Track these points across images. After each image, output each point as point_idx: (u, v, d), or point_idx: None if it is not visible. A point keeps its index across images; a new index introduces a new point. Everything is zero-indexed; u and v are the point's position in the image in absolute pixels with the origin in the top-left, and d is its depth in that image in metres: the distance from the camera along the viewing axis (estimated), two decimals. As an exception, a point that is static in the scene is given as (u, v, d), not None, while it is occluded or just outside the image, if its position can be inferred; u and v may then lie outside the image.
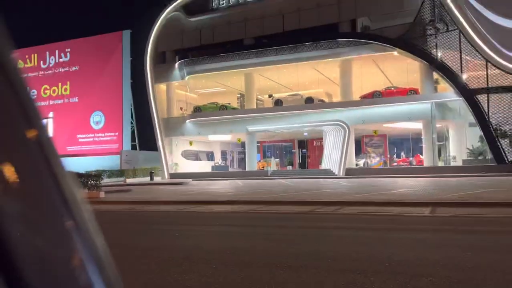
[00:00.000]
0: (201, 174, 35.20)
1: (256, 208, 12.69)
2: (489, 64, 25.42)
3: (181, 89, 38.52)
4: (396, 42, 28.14)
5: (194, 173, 35.10)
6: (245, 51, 33.26)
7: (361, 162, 33.12)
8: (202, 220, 10.93)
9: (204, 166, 39.37)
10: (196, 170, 36.86)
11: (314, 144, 39.09)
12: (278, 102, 33.30)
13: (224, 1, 35.09)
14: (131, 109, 46.81)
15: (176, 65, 36.21)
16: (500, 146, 25.51)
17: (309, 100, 32.34)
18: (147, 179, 34.99)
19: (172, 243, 7.38)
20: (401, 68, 31.21)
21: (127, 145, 45.02)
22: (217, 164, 38.61)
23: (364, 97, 31.03)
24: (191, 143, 37.97)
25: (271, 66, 32.73)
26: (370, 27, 31.35)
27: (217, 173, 35.35)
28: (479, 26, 26.09)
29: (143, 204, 15.39)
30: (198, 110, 35.40)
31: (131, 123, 47.00)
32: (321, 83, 35.43)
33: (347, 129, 29.51)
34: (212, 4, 35.53)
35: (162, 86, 38.29)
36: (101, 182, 19.35)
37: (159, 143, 36.45)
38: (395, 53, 28.71)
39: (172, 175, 35.92)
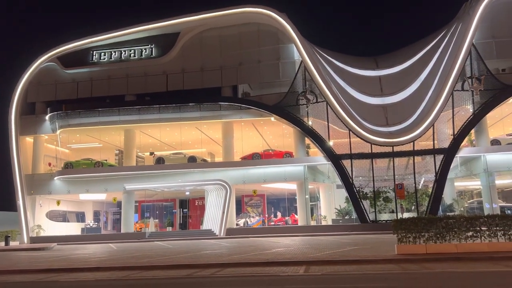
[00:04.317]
0: (69, 237, 31.80)
1: (130, 274, 11.74)
2: (351, 133, 28.75)
3: (51, 143, 35.41)
4: (272, 109, 30.31)
5: (61, 237, 31.56)
6: (126, 107, 32.42)
7: (241, 222, 33.56)
8: (65, 291, 9.66)
9: (73, 228, 35.72)
10: (63, 233, 33.19)
11: (196, 204, 38.61)
12: (159, 160, 32.58)
13: (105, 56, 34.28)
14: (-12, 163, 41.08)
15: (47, 117, 33.50)
16: (363, 206, 28.32)
17: (192, 159, 32.35)
18: (1, 244, 30.24)
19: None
20: (278, 132, 33.52)
21: (-22, 205, 38.81)
22: (87, 226, 35.34)
23: (244, 158, 32.22)
24: (58, 203, 34.37)
25: (154, 124, 32.29)
26: (250, 94, 33.42)
27: (88, 236, 32.33)
28: (343, 100, 29.70)
29: (-9, 275, 13.08)
30: (69, 166, 32.63)
31: (-14, 179, 41.03)
32: (204, 143, 35.92)
33: (228, 189, 29.95)
34: (92, 58, 34.40)
35: (29, 139, 34.81)
36: None
37: (19, 202, 32.31)
38: (272, 118, 30.83)
39: (34, 239, 31.76)
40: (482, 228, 12.69)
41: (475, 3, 29.36)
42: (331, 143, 29.24)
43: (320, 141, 29.42)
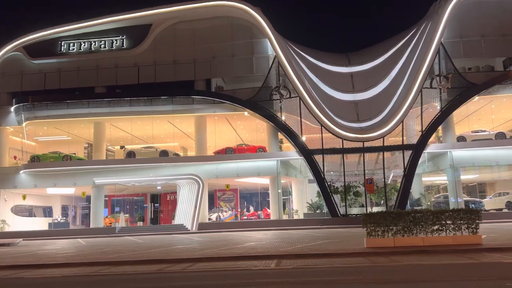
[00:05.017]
0: (35, 232, 30.88)
1: (99, 270, 11.51)
2: (323, 128, 29.07)
3: (17, 136, 34.21)
4: (246, 103, 30.29)
5: (27, 232, 30.61)
6: (96, 99, 31.67)
7: (214, 216, 33.48)
8: (30, 288, 9.38)
9: (40, 224, 34.72)
10: (30, 228, 32.21)
11: (168, 198, 38.23)
12: (130, 154, 32.03)
13: (74, 47, 33.29)
14: None
15: (12, 108, 32.37)
16: (333, 201, 28.76)
17: (164, 153, 31.97)
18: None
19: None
20: (251, 127, 33.54)
21: None
22: (55, 221, 34.42)
23: (217, 152, 32.10)
24: (24, 197, 33.29)
25: (125, 116, 31.74)
26: (224, 88, 33.27)
27: (56, 231, 31.48)
28: (315, 96, 29.97)
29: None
30: (36, 160, 31.65)
31: None
32: (176, 137, 35.54)
33: (201, 183, 29.77)
34: (60, 48, 33.33)
35: (-7, 132, 33.51)
36: None
37: (-17, 197, 31.09)
38: (246, 113, 30.81)
39: (-3, 235, 30.62)
40: (448, 222, 13.09)
41: (444, 3, 30.18)
42: (303, 138, 29.50)
43: (293, 136, 29.63)
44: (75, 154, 33.47)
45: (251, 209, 36.64)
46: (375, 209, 26.34)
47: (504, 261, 10.05)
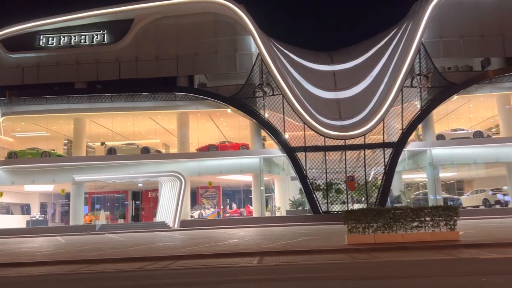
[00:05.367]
0: (13, 230, 30.21)
1: (78, 268, 11.33)
2: (306, 126, 29.22)
3: (-7, 131, 33.34)
4: (229, 100, 30.19)
5: (4, 230, 29.97)
6: (76, 95, 31.11)
7: (196, 214, 33.34)
8: (7, 287, 9.16)
9: (18, 221, 33.96)
10: (7, 226, 31.48)
11: (149, 195, 37.90)
12: (111, 151, 31.62)
13: (54, 41, 32.60)
14: None
15: (-11, 103, 31.47)
16: (315, 198, 28.96)
17: (145, 150, 31.67)
18: None
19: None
20: (234, 124, 33.48)
21: None
22: (33, 219, 33.72)
23: (200, 149, 31.95)
24: (1, 195, 32.51)
25: (105, 113, 31.29)
26: (207, 84, 33.08)
27: (34, 229, 30.86)
28: (298, 93, 30.09)
29: None
30: (13, 156, 30.95)
31: None
32: (158, 134, 35.21)
33: (183, 181, 29.59)
34: (39, 42, 32.60)
35: (-32, 127, 32.57)
36: None
37: (-42, 194, 30.24)
38: (229, 110, 30.73)
39: (-27, 233, 29.84)
40: (427, 219, 13.32)
41: (425, 3, 30.63)
42: (286, 135, 29.59)
43: (275, 134, 29.70)
44: (54, 150, 32.84)
45: (234, 206, 36.61)
46: (356, 206, 26.65)
47: (480, 257, 10.30)
